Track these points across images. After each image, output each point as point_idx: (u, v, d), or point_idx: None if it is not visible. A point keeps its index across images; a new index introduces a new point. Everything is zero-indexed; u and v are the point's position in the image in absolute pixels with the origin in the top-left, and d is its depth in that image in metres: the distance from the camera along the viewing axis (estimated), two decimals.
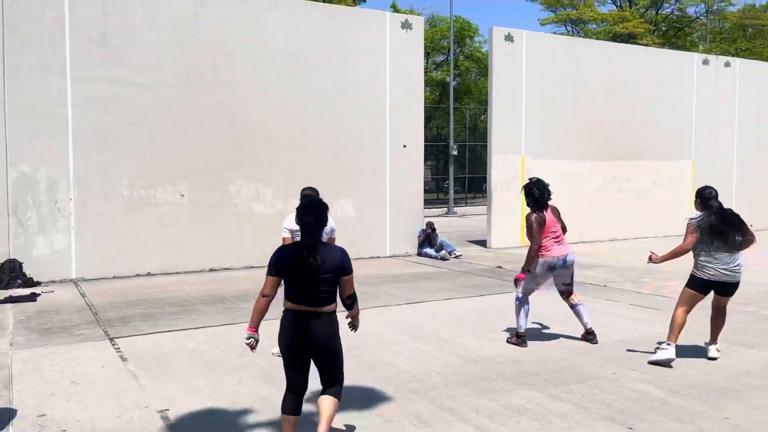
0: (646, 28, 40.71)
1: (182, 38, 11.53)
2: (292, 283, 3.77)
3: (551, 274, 6.46)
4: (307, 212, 3.84)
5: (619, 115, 16.67)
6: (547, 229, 6.37)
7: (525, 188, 6.48)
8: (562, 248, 6.41)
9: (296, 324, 3.78)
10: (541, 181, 6.52)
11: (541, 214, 6.38)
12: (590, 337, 6.58)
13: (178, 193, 11.60)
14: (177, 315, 8.01)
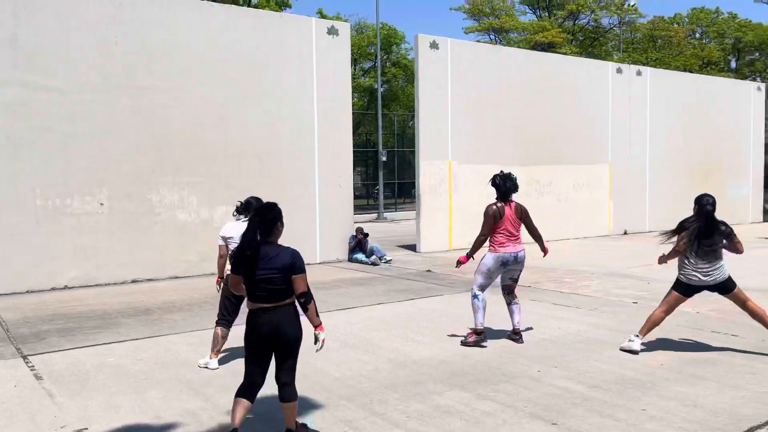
0: (564, 37, 42.42)
1: (99, 42, 11.10)
2: (247, 281, 4.05)
3: (504, 269, 6.61)
4: (257, 214, 4.14)
5: (541, 120, 17.27)
6: (503, 223, 6.50)
7: (492, 180, 6.71)
8: (515, 245, 6.58)
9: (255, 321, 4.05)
10: (510, 175, 6.70)
11: (501, 206, 6.55)
12: (516, 337, 6.77)
13: (97, 202, 11.13)
14: (97, 329, 7.67)
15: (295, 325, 4.09)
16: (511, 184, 6.63)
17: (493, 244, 6.56)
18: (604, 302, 8.89)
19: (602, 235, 18.58)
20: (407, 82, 41.40)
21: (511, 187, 6.64)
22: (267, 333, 4.02)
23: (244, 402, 4.06)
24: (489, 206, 6.59)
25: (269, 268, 4.00)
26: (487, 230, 6.52)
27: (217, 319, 6.04)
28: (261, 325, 4.02)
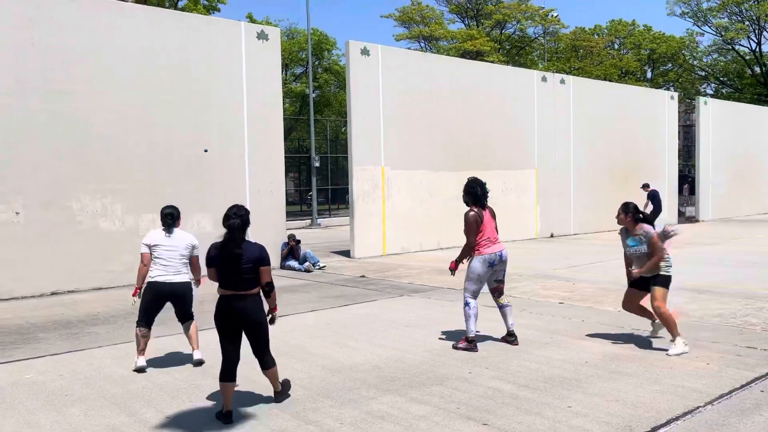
0: (492, 46, 43.54)
1: (12, 43, 10.55)
2: (223, 272, 4.79)
3: (491, 270, 6.66)
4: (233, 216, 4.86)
5: (470, 126, 17.63)
6: (484, 227, 6.60)
7: (467, 186, 6.75)
8: (498, 245, 6.68)
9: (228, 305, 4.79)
10: (480, 180, 6.82)
11: (480, 212, 6.63)
12: (511, 338, 6.83)
13: (12, 211, 10.56)
14: (13, 344, 7.26)
15: (261, 310, 4.88)
16: (485, 189, 6.81)
17: (477, 248, 6.61)
18: (532, 303, 9.15)
19: (530, 238, 19.12)
20: (339, 87, 41.44)
21: (486, 192, 6.80)
22: (239, 316, 4.77)
23: (230, 384, 4.76)
24: (468, 213, 6.64)
25: (245, 260, 4.76)
26: (474, 236, 6.57)
27: (138, 320, 6.08)
28: (234, 309, 4.76)
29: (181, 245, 6.13)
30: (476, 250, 6.62)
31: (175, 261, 6.08)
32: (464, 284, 6.77)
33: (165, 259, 6.05)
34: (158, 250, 6.07)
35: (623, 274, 7.07)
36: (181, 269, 6.12)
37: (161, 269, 6.04)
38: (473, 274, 6.64)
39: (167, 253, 6.06)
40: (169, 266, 6.06)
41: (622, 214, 6.63)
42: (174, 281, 6.06)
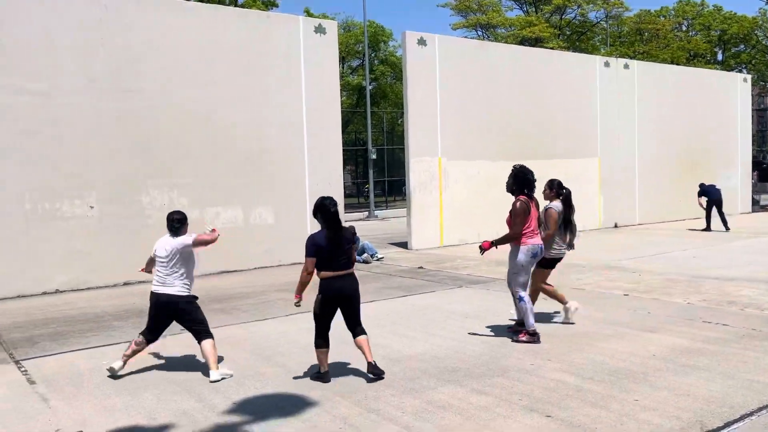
0: (551, 32, 42.53)
1: (84, 44, 11.02)
2: (332, 256, 5.32)
3: (534, 261, 6.57)
4: (333, 205, 5.41)
5: (529, 115, 17.32)
6: (531, 217, 6.49)
7: (517, 174, 6.58)
8: (539, 236, 6.62)
9: (340, 285, 5.36)
10: (529, 168, 6.66)
11: (527, 201, 6.50)
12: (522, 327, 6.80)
13: (87, 206, 11.07)
14: (89, 332, 7.64)
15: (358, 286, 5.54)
16: (534, 178, 6.65)
17: (522, 239, 6.46)
18: (595, 295, 8.94)
19: (592, 228, 18.67)
20: (395, 79, 41.41)
21: (535, 181, 6.66)
22: (346, 295, 5.41)
23: (327, 350, 5.45)
24: (516, 202, 6.49)
25: (347, 241, 5.43)
26: (521, 226, 6.42)
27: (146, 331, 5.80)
28: (343, 288, 5.38)
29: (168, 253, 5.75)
30: (521, 241, 6.48)
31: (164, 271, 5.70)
32: (511, 278, 6.62)
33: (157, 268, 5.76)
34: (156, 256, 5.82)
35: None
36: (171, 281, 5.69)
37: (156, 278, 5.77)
38: (520, 265, 6.49)
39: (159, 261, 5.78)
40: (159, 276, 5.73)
41: (548, 190, 7.12)
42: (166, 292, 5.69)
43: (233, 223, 12.63)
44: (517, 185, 6.57)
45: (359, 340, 5.49)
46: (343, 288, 5.38)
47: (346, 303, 5.44)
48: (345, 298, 5.41)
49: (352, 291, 5.44)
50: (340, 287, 5.36)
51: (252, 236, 12.79)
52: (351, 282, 5.44)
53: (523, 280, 6.54)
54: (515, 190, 6.58)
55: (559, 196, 7.03)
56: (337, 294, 5.36)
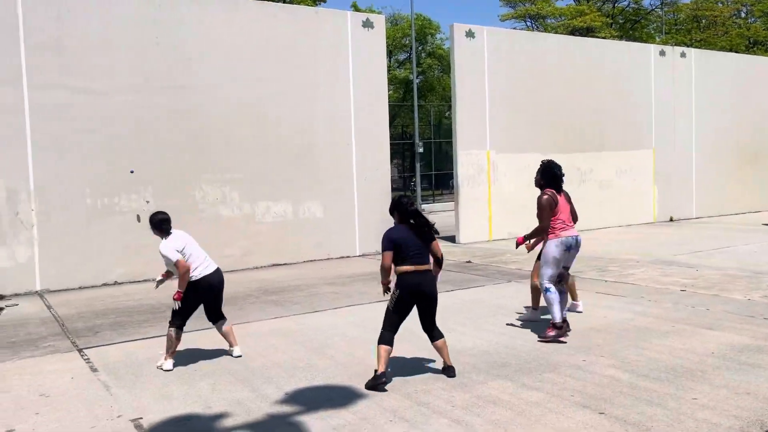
0: (603, 21, 41.48)
1: (139, 43, 11.35)
2: (412, 250, 5.20)
3: (568, 253, 6.46)
4: (411, 204, 5.39)
5: (580, 107, 16.97)
6: (559, 211, 6.43)
7: (544, 168, 6.54)
8: (573, 229, 6.51)
9: (420, 279, 5.20)
10: (556, 162, 6.61)
11: (554, 195, 6.45)
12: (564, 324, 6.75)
13: (143, 200, 11.43)
14: (147, 323, 7.90)
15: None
16: (562, 172, 6.58)
17: (553, 231, 6.42)
18: (650, 290, 8.72)
19: (647, 222, 18.19)
20: (443, 72, 41.19)
21: (563, 175, 6.59)
22: (425, 290, 5.23)
23: (390, 348, 5.18)
24: (542, 197, 6.46)
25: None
26: (548, 220, 6.40)
27: (172, 321, 5.96)
28: (422, 283, 5.19)
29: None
30: (551, 233, 6.42)
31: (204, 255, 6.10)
32: (540, 270, 6.54)
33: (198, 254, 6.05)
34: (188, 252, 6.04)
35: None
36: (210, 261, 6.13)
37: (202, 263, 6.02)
38: (549, 257, 6.41)
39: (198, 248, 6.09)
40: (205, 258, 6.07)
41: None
42: (216, 268, 6.11)
43: (283, 217, 12.83)
44: (545, 180, 6.53)
45: (438, 344, 5.35)
46: (422, 284, 5.18)
47: (425, 301, 5.25)
48: (423, 295, 5.21)
49: (430, 288, 5.24)
50: (417, 283, 5.17)
51: (301, 230, 12.96)
52: (430, 279, 5.25)
53: (550, 272, 6.42)
54: (543, 185, 6.54)
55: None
56: (414, 290, 5.17)
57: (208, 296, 6.04)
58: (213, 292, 6.06)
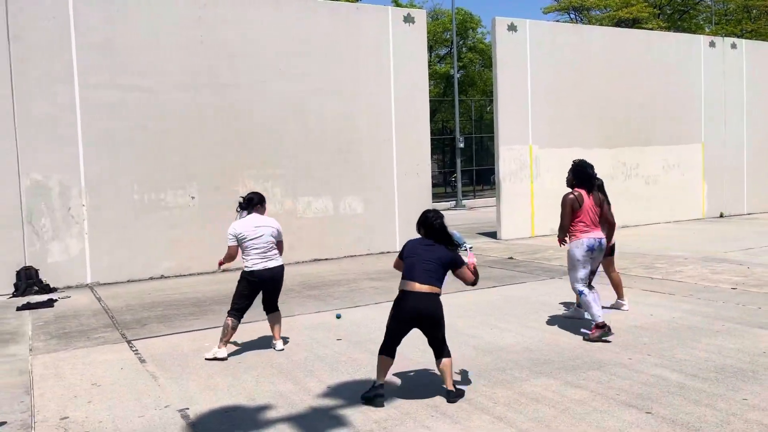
0: (650, 12, 40.42)
1: (185, 41, 11.58)
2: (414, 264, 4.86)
3: (591, 255, 6.40)
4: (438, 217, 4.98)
5: (626, 100, 16.59)
6: (583, 212, 6.36)
7: (576, 168, 6.52)
8: (597, 232, 6.43)
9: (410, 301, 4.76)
10: (588, 162, 6.58)
11: (580, 195, 6.39)
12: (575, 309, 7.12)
13: (188, 196, 11.67)
14: (192, 316, 8.08)
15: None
16: (594, 172, 6.53)
17: (574, 233, 6.39)
18: (699, 288, 8.49)
19: (696, 218, 17.69)
20: (484, 66, 40.79)
21: (595, 175, 6.52)
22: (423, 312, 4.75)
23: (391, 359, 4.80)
24: (566, 195, 6.44)
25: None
26: (568, 219, 6.38)
27: (229, 310, 6.13)
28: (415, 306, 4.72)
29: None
30: (572, 235, 6.39)
31: (266, 248, 6.12)
32: (569, 275, 6.53)
33: (256, 248, 6.09)
34: (248, 241, 6.08)
35: None
36: (274, 254, 6.15)
37: (254, 257, 6.08)
38: (574, 260, 6.38)
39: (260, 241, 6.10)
40: (261, 253, 6.10)
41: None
42: (270, 266, 6.12)
43: (324, 213, 12.93)
44: (576, 180, 6.49)
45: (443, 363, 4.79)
46: (418, 308, 4.69)
47: (424, 326, 4.75)
48: (421, 319, 4.71)
49: (429, 310, 4.69)
50: (413, 307, 4.69)
51: (342, 225, 13.05)
52: (430, 301, 4.70)
53: (579, 275, 6.36)
54: (575, 185, 6.50)
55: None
56: (408, 314, 4.71)
57: (261, 288, 6.16)
58: (265, 286, 6.15)
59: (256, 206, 6.22)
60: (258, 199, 6.29)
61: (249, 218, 6.19)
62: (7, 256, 10.27)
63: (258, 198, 6.31)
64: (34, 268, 10.38)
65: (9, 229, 10.30)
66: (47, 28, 10.53)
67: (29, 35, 10.41)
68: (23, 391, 5.34)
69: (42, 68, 10.48)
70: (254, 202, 6.27)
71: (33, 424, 4.61)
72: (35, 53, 10.45)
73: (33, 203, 10.49)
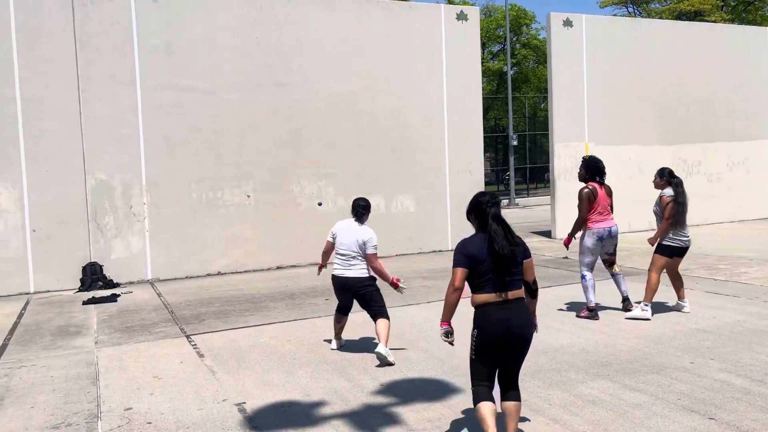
0: (713, 3, 38.92)
1: (241, 43, 11.83)
2: (489, 272, 3.72)
3: (601, 244, 7.09)
4: (493, 204, 3.87)
5: (687, 96, 16.05)
6: (598, 203, 7.03)
7: (587, 163, 7.16)
8: (607, 221, 7.09)
9: (498, 315, 3.70)
10: (597, 157, 7.29)
11: (594, 189, 7.05)
12: (626, 303, 7.22)
13: (244, 194, 11.92)
14: (248, 312, 8.25)
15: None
16: (603, 166, 7.21)
17: (587, 223, 7.07)
18: (766, 291, 8.13)
19: (762, 217, 16.95)
20: (538, 63, 40.16)
21: (604, 168, 7.19)
22: (513, 329, 3.72)
23: (493, 404, 3.73)
24: (582, 189, 7.07)
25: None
26: (585, 212, 7.04)
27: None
28: (507, 318, 3.69)
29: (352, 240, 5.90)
30: (588, 224, 7.06)
31: (347, 255, 5.92)
32: (579, 258, 7.21)
33: (339, 252, 5.96)
34: (336, 241, 5.99)
35: None
36: (355, 264, 5.91)
37: (337, 262, 5.99)
38: (585, 247, 7.13)
39: (340, 245, 5.95)
40: (343, 260, 5.95)
41: (657, 178, 7.13)
42: (345, 275, 5.92)
43: (376, 211, 12.88)
44: (589, 173, 7.14)
45: (509, 407, 3.77)
46: (511, 320, 3.64)
47: (513, 345, 3.68)
48: (511, 337, 3.65)
49: (522, 327, 3.67)
50: (505, 318, 3.64)
51: (394, 224, 13.07)
52: (522, 313, 3.70)
53: (587, 260, 7.12)
54: (587, 178, 7.14)
55: (669, 183, 7.06)
56: (500, 328, 3.64)
57: (339, 292, 6.05)
58: (342, 291, 6.01)
59: (363, 216, 6.05)
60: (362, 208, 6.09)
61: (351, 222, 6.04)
62: (74, 252, 10.73)
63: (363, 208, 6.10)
64: (98, 264, 10.81)
65: (75, 226, 10.76)
66: (111, 33, 10.93)
67: (94, 41, 10.83)
68: (90, 382, 5.57)
69: (105, 71, 10.89)
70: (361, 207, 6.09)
71: (99, 414, 4.81)
72: (99, 57, 10.86)
73: (97, 202, 10.92)
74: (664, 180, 7.08)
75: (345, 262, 5.93)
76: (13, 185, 10.42)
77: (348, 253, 5.91)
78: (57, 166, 10.63)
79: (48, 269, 10.57)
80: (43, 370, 5.97)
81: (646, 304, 6.95)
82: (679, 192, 6.93)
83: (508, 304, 3.68)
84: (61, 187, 10.66)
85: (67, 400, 5.12)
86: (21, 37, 10.40)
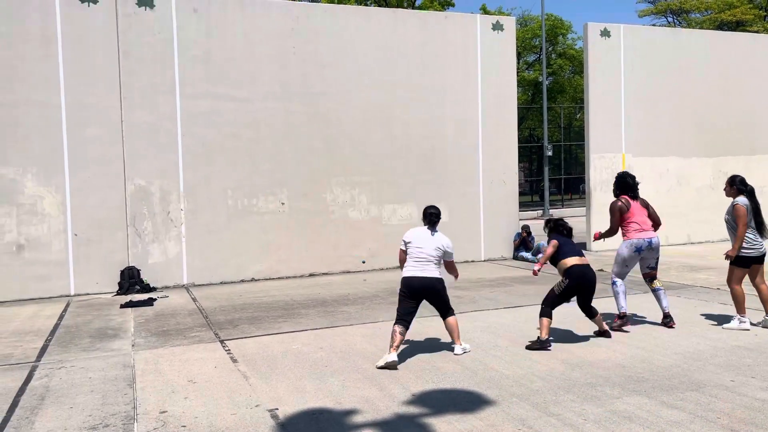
0: (755, 14, 38.11)
1: (278, 53, 12.00)
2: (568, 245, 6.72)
3: (638, 256, 7.09)
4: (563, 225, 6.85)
5: (727, 107, 15.70)
6: (631, 216, 7.08)
7: (618, 178, 7.33)
8: (648, 233, 7.07)
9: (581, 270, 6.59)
10: (630, 173, 7.42)
11: (626, 201, 7.14)
12: (667, 320, 7.07)
13: (279, 202, 12.05)
14: (281, 318, 8.32)
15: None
16: (635, 181, 7.31)
17: (626, 233, 7.10)
18: None
19: None
20: (574, 73, 39.80)
21: (636, 183, 7.30)
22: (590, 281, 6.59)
23: (551, 320, 6.61)
24: (614, 203, 7.19)
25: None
26: (616, 224, 7.14)
27: (397, 318, 6.18)
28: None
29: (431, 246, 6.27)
30: (625, 235, 7.11)
31: (424, 260, 6.22)
32: (612, 266, 7.33)
33: (416, 257, 6.22)
34: (411, 246, 6.29)
35: None
36: (429, 267, 6.21)
37: (412, 265, 6.23)
38: (619, 257, 7.17)
39: (418, 251, 6.22)
40: (419, 264, 6.22)
41: (728, 186, 7.04)
42: (427, 275, 6.18)
43: (408, 220, 12.97)
44: (619, 189, 7.28)
45: (597, 318, 6.88)
46: (586, 274, 6.49)
47: (588, 288, 6.70)
48: (587, 284, 6.53)
49: (592, 277, 6.59)
50: (583, 273, 6.48)
51: None
52: (590, 269, 6.69)
53: (617, 270, 7.22)
54: (618, 194, 7.27)
55: (741, 192, 6.95)
56: (581, 279, 6.49)
57: (414, 294, 6.22)
58: (418, 292, 6.19)
59: (435, 223, 6.47)
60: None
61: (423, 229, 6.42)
62: (113, 256, 10.98)
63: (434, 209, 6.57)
64: (136, 269, 11.03)
65: (114, 230, 11.02)
66: (152, 43, 11.20)
67: (136, 51, 11.11)
68: (126, 384, 5.68)
69: (145, 80, 11.16)
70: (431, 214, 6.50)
71: (135, 416, 4.89)
72: (141, 66, 11.14)
73: (136, 207, 11.17)
74: (735, 188, 6.95)
75: (421, 265, 6.22)
76: (56, 190, 10.73)
77: (426, 258, 6.25)
78: (98, 172, 10.92)
79: (88, 272, 10.84)
80: (81, 372, 6.12)
81: (743, 316, 6.88)
82: (753, 200, 6.85)
83: (585, 265, 6.53)
84: (102, 192, 10.94)
85: (104, 402, 5.23)
86: (67, 47, 10.73)
